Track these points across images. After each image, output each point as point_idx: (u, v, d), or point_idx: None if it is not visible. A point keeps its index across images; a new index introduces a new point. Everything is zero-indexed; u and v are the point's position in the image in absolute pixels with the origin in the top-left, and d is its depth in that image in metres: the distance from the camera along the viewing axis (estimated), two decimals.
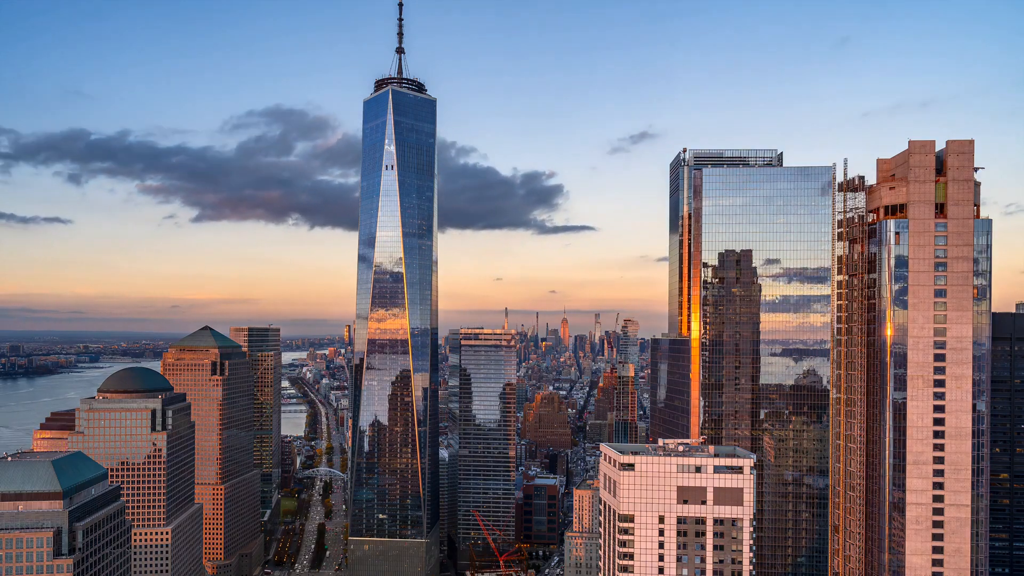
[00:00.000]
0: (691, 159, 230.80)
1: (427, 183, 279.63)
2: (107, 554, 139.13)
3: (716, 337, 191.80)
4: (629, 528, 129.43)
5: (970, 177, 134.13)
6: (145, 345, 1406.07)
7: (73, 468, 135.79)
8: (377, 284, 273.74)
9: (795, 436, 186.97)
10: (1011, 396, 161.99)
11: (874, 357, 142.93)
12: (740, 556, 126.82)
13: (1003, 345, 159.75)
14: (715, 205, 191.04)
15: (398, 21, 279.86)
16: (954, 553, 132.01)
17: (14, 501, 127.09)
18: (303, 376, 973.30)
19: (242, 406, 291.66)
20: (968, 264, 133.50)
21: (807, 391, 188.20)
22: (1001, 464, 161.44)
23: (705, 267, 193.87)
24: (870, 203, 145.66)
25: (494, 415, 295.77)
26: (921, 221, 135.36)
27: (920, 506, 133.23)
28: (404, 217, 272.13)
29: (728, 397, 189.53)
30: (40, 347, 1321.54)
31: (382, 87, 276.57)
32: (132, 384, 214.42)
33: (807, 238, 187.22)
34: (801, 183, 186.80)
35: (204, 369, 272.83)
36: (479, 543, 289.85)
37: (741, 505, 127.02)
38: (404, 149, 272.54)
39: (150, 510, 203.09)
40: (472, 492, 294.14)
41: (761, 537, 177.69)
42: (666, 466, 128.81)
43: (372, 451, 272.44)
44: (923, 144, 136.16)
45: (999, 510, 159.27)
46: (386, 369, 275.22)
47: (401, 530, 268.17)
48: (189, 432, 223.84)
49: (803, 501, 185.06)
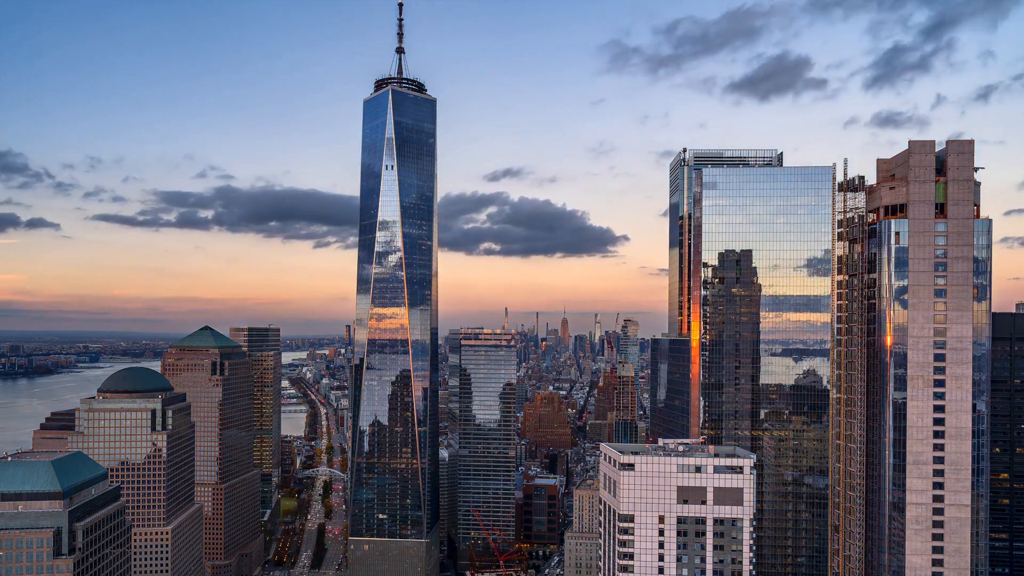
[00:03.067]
0: (691, 159, 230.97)
1: (427, 183, 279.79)
2: (107, 554, 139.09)
3: (716, 337, 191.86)
4: (629, 528, 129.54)
5: (970, 177, 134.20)
6: (145, 345, 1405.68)
7: (73, 468, 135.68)
8: (377, 284, 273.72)
9: (795, 436, 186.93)
10: (1011, 396, 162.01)
11: (874, 357, 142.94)
12: (740, 556, 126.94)
13: (1003, 345, 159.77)
14: (715, 205, 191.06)
15: (398, 21, 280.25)
16: (954, 553, 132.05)
17: (14, 501, 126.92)
18: (303, 376, 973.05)
19: (242, 406, 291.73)
20: (968, 264, 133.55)
21: (807, 391, 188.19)
22: (1001, 464, 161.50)
23: (705, 267, 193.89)
24: (870, 203, 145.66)
25: (494, 415, 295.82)
26: (921, 221, 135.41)
27: (920, 506, 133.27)
28: (404, 217, 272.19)
29: (728, 397, 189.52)
30: (40, 347, 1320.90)
31: (382, 87, 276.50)
32: (132, 384, 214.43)
33: (807, 238, 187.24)
34: (801, 183, 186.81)
35: (204, 369, 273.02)
36: (479, 543, 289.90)
37: (741, 505, 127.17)
38: (404, 149, 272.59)
39: (150, 510, 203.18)
40: (472, 492, 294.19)
41: (761, 537, 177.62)
42: (666, 466, 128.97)
43: (372, 451, 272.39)
44: (923, 144, 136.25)
45: (999, 510, 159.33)
46: (386, 369, 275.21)
47: (401, 530, 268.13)
48: (189, 432, 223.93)
49: (803, 501, 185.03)
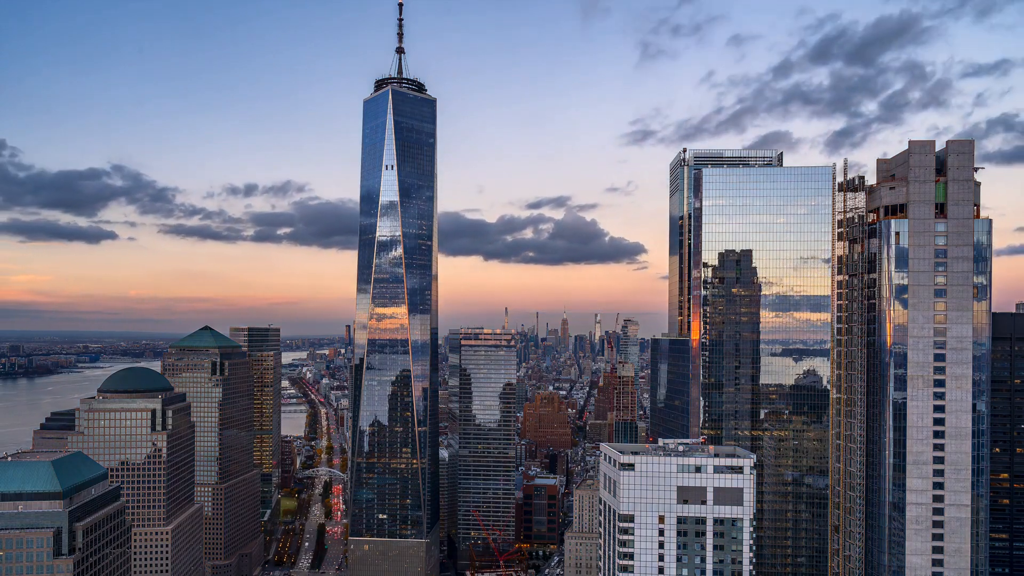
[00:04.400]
0: (691, 159, 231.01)
1: (427, 183, 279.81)
2: (107, 554, 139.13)
3: (716, 337, 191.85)
4: (629, 528, 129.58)
5: (970, 177, 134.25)
6: (145, 345, 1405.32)
7: (73, 468, 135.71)
8: (377, 284, 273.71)
9: (795, 436, 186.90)
10: (1011, 396, 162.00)
11: (874, 357, 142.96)
12: (740, 556, 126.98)
13: (1003, 345, 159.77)
14: (715, 205, 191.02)
15: (398, 21, 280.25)
16: (954, 553, 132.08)
17: (14, 501, 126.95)
18: (303, 376, 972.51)
19: (242, 406, 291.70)
20: (968, 264, 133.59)
21: (807, 391, 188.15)
22: (1001, 464, 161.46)
23: (705, 267, 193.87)
24: (870, 203, 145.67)
25: (494, 415, 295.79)
26: (921, 221, 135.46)
27: (920, 506, 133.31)
28: (404, 217, 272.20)
29: (728, 397, 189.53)
30: (40, 347, 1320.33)
31: (382, 87, 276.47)
32: (132, 384, 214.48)
33: (807, 238, 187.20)
34: (801, 183, 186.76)
35: (204, 369, 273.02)
36: (479, 543, 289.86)
37: (741, 505, 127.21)
38: (404, 149, 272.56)
39: (150, 510, 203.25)
40: (472, 492, 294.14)
41: (761, 537, 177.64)
42: (666, 466, 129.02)
43: (372, 451, 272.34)
44: (923, 144, 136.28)
45: (999, 510, 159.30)
46: (386, 369, 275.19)
47: (401, 530, 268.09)
48: (189, 432, 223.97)
49: (803, 501, 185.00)
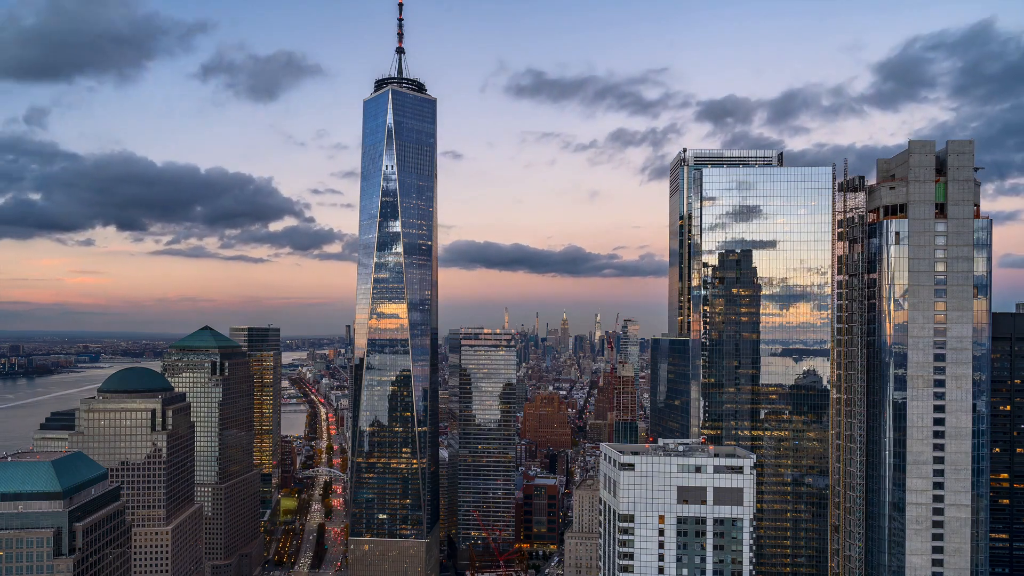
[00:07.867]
0: (691, 159, 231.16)
1: (427, 183, 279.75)
2: (107, 554, 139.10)
3: (716, 337, 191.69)
4: (629, 528, 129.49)
5: (970, 177, 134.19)
6: (145, 345, 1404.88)
7: (73, 468, 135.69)
8: (377, 284, 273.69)
9: (795, 436, 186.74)
10: (1011, 396, 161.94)
11: (874, 357, 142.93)
12: (740, 556, 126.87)
13: (1003, 345, 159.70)
14: (715, 205, 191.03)
15: (398, 21, 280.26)
16: (954, 553, 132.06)
17: (14, 501, 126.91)
18: (303, 376, 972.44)
19: (242, 406, 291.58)
20: (968, 264, 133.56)
21: (807, 391, 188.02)
22: (1001, 464, 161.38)
23: (705, 267, 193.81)
24: (870, 203, 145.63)
25: (494, 415, 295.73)
26: (921, 221, 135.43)
27: (920, 506, 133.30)
28: (404, 217, 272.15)
29: (728, 397, 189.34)
30: (40, 347, 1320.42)
31: (382, 87, 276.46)
32: (132, 384, 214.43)
33: (807, 238, 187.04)
34: (801, 183, 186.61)
35: (204, 369, 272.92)
36: (479, 543, 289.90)
37: (741, 505, 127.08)
38: (404, 149, 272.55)
39: (150, 510, 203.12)
40: (472, 492, 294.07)
41: (761, 537, 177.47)
42: (666, 466, 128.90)
43: (372, 451, 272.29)
44: (923, 144, 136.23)
45: (999, 510, 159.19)
46: (386, 369, 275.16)
47: (401, 530, 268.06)
48: (189, 432, 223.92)
49: (803, 501, 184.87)
